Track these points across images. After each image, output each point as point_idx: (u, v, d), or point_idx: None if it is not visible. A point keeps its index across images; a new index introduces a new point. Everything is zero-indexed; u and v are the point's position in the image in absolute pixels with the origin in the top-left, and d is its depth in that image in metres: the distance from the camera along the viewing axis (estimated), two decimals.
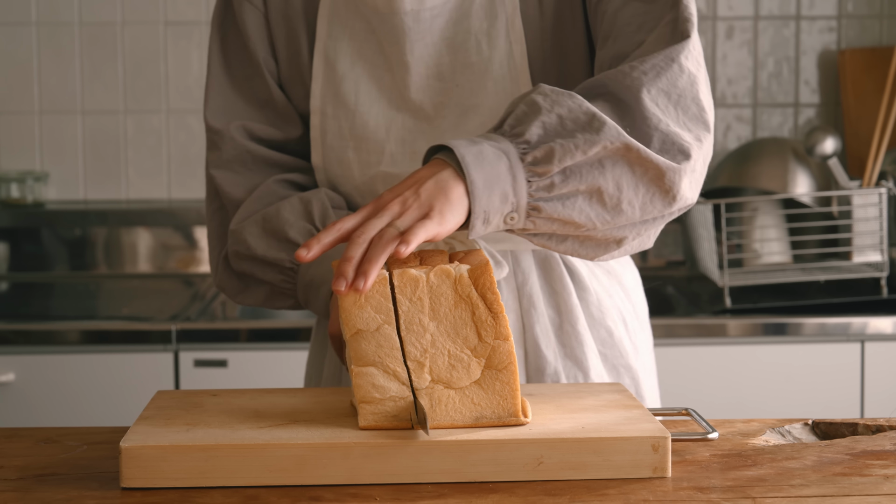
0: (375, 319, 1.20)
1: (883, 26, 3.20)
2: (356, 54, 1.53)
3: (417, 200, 1.24)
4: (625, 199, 1.31)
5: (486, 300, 1.21)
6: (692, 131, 1.35)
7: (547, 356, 1.54)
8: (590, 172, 1.29)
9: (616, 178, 1.30)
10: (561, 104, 1.30)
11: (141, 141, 3.15)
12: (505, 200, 1.27)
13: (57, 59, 3.12)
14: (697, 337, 2.53)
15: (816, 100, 3.21)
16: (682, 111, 1.35)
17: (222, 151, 1.58)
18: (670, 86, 1.35)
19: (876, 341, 2.54)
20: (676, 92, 1.35)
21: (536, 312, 1.54)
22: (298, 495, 1.12)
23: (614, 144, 1.29)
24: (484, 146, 1.27)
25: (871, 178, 2.77)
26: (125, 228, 3.08)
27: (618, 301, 1.61)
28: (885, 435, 1.31)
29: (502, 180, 1.26)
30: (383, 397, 1.20)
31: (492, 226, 1.28)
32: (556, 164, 1.27)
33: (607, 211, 1.32)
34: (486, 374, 1.21)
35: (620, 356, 1.59)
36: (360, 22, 1.53)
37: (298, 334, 2.50)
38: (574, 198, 1.30)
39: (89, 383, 2.47)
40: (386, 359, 1.20)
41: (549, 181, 1.28)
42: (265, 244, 1.51)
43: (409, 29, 1.50)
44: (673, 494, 1.12)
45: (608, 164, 1.30)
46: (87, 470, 1.19)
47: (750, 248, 2.85)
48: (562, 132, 1.28)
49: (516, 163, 1.27)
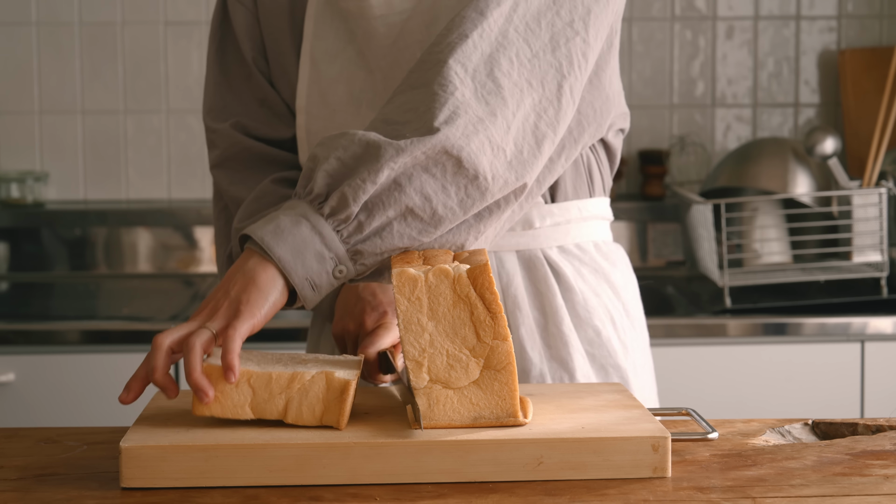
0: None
1: (883, 26, 3.20)
2: (339, 55, 1.53)
3: (227, 298, 1.23)
4: (439, 205, 1.29)
5: (484, 300, 1.21)
6: (489, 104, 1.32)
7: (532, 358, 1.53)
8: (390, 197, 1.27)
9: (419, 190, 1.28)
10: (335, 146, 1.28)
11: (141, 141, 3.15)
12: (322, 259, 1.26)
13: (57, 59, 3.12)
14: (697, 337, 2.53)
15: (816, 100, 3.21)
16: (479, 85, 1.32)
17: (220, 150, 1.58)
18: (465, 59, 1.33)
19: (876, 341, 2.54)
20: (472, 66, 1.33)
21: (521, 314, 1.54)
22: (298, 495, 1.12)
23: (397, 161, 1.27)
24: (279, 219, 1.26)
25: (871, 178, 2.77)
26: (125, 228, 3.08)
27: (605, 300, 1.59)
28: (885, 435, 1.31)
29: (310, 243, 1.25)
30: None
31: (324, 288, 1.27)
32: (353, 204, 1.26)
33: (426, 224, 1.29)
34: (485, 374, 1.20)
35: (609, 356, 1.57)
36: (343, 23, 1.53)
37: (298, 334, 2.50)
38: (389, 227, 1.28)
39: (89, 383, 2.47)
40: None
41: (356, 223, 1.27)
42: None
43: (380, 34, 1.50)
44: (673, 494, 1.12)
45: (404, 180, 1.28)
46: (87, 470, 1.19)
47: (750, 248, 2.85)
48: (346, 173, 1.27)
49: (317, 220, 1.26)
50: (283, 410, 1.20)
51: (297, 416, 1.19)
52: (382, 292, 1.48)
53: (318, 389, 1.19)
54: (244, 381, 1.19)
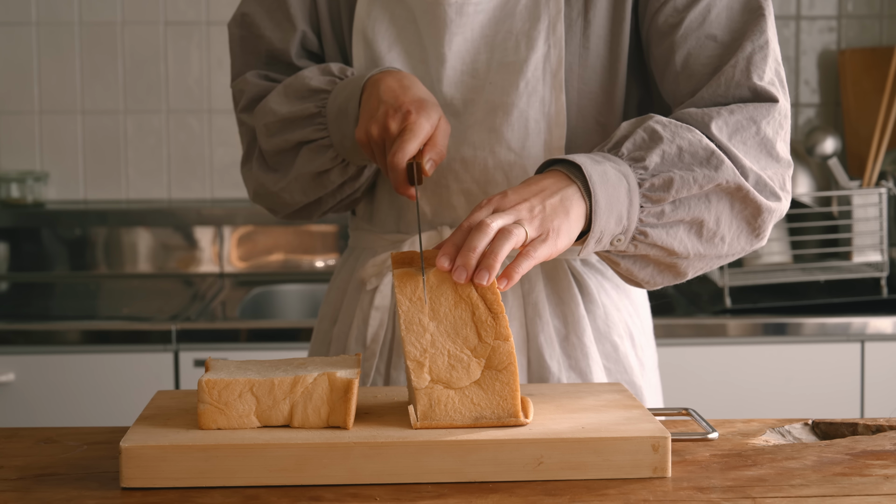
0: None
1: (883, 26, 3.20)
2: (394, 39, 1.53)
3: (543, 213, 1.26)
4: (719, 234, 1.37)
5: (486, 300, 1.21)
6: (775, 180, 1.40)
7: (551, 367, 1.52)
8: (697, 205, 1.34)
9: (717, 213, 1.35)
10: (681, 136, 1.34)
11: (141, 141, 3.15)
12: (619, 223, 1.31)
13: (57, 59, 3.12)
14: (697, 337, 2.53)
15: (816, 100, 3.21)
16: (762, 165, 1.40)
17: (246, 93, 1.58)
18: (748, 140, 1.40)
19: (876, 341, 2.54)
20: (755, 148, 1.40)
21: (541, 321, 1.53)
22: (298, 495, 1.12)
23: (729, 184, 1.34)
24: (606, 167, 1.30)
25: (871, 178, 2.77)
26: (125, 228, 3.08)
27: (626, 316, 1.59)
28: (885, 435, 1.31)
29: (620, 203, 1.30)
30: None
31: (602, 246, 1.32)
32: (673, 194, 1.32)
33: (702, 243, 1.37)
34: (486, 374, 1.20)
35: (625, 372, 1.57)
36: (402, 9, 1.53)
37: (298, 334, 2.50)
38: (677, 227, 1.35)
39: (89, 383, 2.47)
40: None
41: (661, 209, 1.33)
42: (289, 104, 1.52)
43: (450, 21, 1.50)
44: (673, 494, 1.12)
45: (714, 198, 1.35)
46: (87, 470, 1.19)
47: None
48: (679, 164, 1.33)
49: (634, 187, 1.31)
50: (288, 415, 1.20)
51: (303, 419, 1.19)
52: (403, 92, 1.42)
53: (321, 391, 1.19)
54: (247, 389, 1.19)
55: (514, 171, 1.50)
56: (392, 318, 1.56)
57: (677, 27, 1.44)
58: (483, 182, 1.51)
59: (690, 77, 1.44)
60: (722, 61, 1.43)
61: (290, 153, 1.54)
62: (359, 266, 1.60)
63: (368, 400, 1.31)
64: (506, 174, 1.50)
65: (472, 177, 1.51)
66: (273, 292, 2.97)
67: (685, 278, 1.40)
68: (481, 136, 1.50)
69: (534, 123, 1.49)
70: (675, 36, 1.45)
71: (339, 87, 1.49)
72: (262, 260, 3.10)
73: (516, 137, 1.49)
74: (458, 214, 1.53)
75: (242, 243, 3.10)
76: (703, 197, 1.34)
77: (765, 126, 1.39)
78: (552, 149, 1.49)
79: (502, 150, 1.49)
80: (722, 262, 1.41)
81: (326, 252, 3.10)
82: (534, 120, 1.49)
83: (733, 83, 1.41)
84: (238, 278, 3.06)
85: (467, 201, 1.52)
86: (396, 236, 1.57)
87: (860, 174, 2.96)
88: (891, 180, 2.82)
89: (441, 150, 1.40)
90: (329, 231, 3.09)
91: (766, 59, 1.42)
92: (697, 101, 1.42)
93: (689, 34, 1.44)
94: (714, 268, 1.42)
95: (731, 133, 1.37)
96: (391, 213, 1.57)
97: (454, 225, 1.53)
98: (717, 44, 1.44)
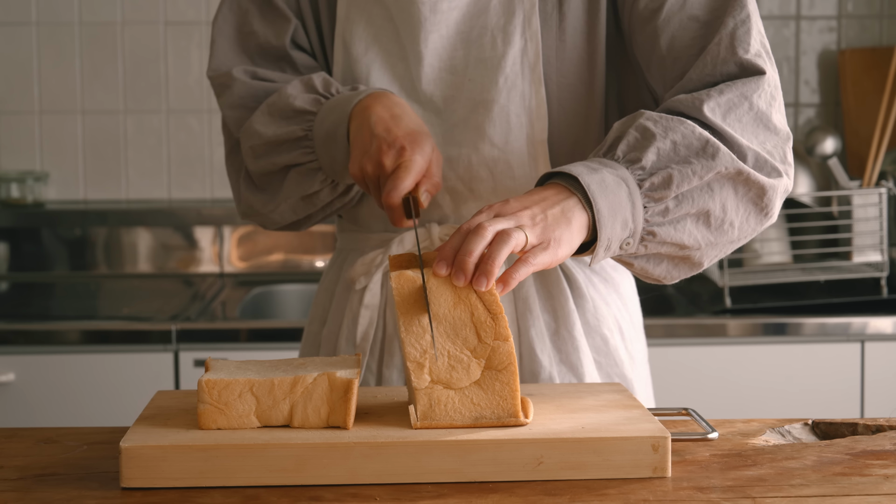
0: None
1: (883, 26, 3.20)
2: (371, 40, 1.53)
3: (545, 222, 1.26)
4: (727, 220, 1.36)
5: (484, 301, 1.21)
6: (775, 154, 1.40)
7: (542, 360, 1.53)
8: (700, 196, 1.34)
9: (722, 200, 1.35)
10: (674, 130, 1.34)
11: (141, 141, 3.15)
12: (625, 227, 1.30)
13: (57, 59, 3.12)
14: (697, 337, 2.53)
15: (816, 100, 3.21)
16: (761, 140, 1.40)
17: (233, 90, 1.58)
18: (743, 116, 1.39)
19: (876, 341, 2.54)
20: (751, 124, 1.39)
21: (532, 316, 1.54)
22: (298, 495, 1.12)
23: (728, 170, 1.34)
24: (604, 174, 1.30)
25: (871, 178, 2.77)
26: (125, 228, 3.08)
27: (614, 309, 1.60)
28: (885, 435, 1.31)
29: (623, 207, 1.30)
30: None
31: (611, 252, 1.32)
32: (674, 189, 1.32)
33: (711, 232, 1.36)
34: (486, 374, 1.20)
35: (615, 365, 1.58)
36: (379, 8, 1.53)
37: (298, 334, 2.50)
38: (684, 221, 1.34)
39: (89, 383, 2.47)
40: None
41: (664, 206, 1.32)
42: (275, 125, 1.51)
43: (425, 19, 1.50)
44: (673, 494, 1.12)
45: (716, 186, 1.34)
46: (87, 470, 1.19)
47: (750, 248, 2.85)
48: (676, 158, 1.33)
49: (634, 189, 1.31)
50: (288, 415, 1.20)
51: (303, 419, 1.19)
52: (396, 124, 1.42)
53: (321, 391, 1.19)
54: (247, 390, 1.19)
55: (498, 166, 1.50)
56: (382, 316, 1.56)
57: (658, 12, 1.44)
58: (468, 179, 1.51)
59: (677, 60, 1.44)
60: (706, 40, 1.43)
61: (278, 175, 1.55)
62: (346, 267, 1.61)
63: (368, 400, 1.31)
64: (490, 170, 1.50)
65: (457, 174, 1.51)
66: (273, 292, 2.98)
67: (702, 268, 1.40)
68: (464, 133, 1.50)
69: (515, 118, 1.49)
70: (657, 21, 1.44)
71: (326, 109, 1.49)
72: (262, 260, 3.10)
73: (499, 133, 1.49)
74: (444, 213, 1.53)
75: (242, 243, 3.10)
76: (704, 187, 1.34)
77: (756, 100, 1.39)
78: (535, 142, 1.50)
79: (485, 146, 1.50)
80: (736, 246, 1.41)
81: (326, 252, 3.10)
82: (515, 115, 1.49)
83: (719, 60, 1.41)
84: (238, 278, 3.06)
85: (453, 199, 1.52)
86: (384, 235, 1.57)
87: (860, 174, 2.96)
88: (891, 180, 2.82)
89: (436, 182, 1.41)
90: (329, 231, 3.09)
91: (750, 32, 1.42)
92: (686, 84, 1.42)
93: (671, 17, 1.44)
94: (730, 252, 1.42)
95: (725, 113, 1.37)
96: (377, 214, 1.58)
97: (442, 222, 1.53)
98: (699, 24, 1.43)
